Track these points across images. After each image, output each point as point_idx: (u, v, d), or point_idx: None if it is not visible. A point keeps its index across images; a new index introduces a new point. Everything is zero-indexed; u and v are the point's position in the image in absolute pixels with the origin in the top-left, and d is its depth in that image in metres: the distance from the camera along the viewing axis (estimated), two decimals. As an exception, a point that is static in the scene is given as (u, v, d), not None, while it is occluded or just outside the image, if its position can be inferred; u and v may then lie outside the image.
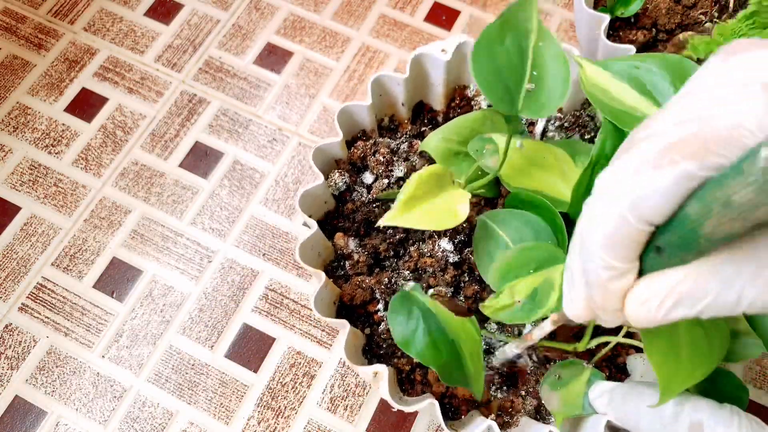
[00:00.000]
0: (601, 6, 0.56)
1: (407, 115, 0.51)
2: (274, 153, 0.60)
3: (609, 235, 0.19)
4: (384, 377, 0.38)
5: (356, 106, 0.47)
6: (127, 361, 0.52)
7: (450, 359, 0.35)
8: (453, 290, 0.45)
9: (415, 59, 0.47)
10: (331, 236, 0.46)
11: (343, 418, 0.50)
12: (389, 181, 0.47)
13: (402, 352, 0.44)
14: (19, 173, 0.59)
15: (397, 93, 0.49)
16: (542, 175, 0.42)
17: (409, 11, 0.67)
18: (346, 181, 0.47)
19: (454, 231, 0.46)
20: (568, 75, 0.38)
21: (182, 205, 0.58)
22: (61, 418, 0.50)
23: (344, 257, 0.46)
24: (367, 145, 0.48)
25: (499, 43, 0.38)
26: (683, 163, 0.17)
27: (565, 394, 0.38)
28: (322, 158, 0.46)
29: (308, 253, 0.42)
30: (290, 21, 0.67)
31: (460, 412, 0.43)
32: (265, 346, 0.52)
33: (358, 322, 0.45)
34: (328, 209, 0.47)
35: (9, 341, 0.53)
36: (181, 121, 0.62)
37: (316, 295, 0.40)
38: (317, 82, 0.64)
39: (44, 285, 0.55)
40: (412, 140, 0.50)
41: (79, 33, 0.66)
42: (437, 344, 0.35)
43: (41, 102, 0.63)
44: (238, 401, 0.50)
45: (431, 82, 0.50)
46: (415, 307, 0.36)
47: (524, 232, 0.39)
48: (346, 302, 0.45)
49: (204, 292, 0.54)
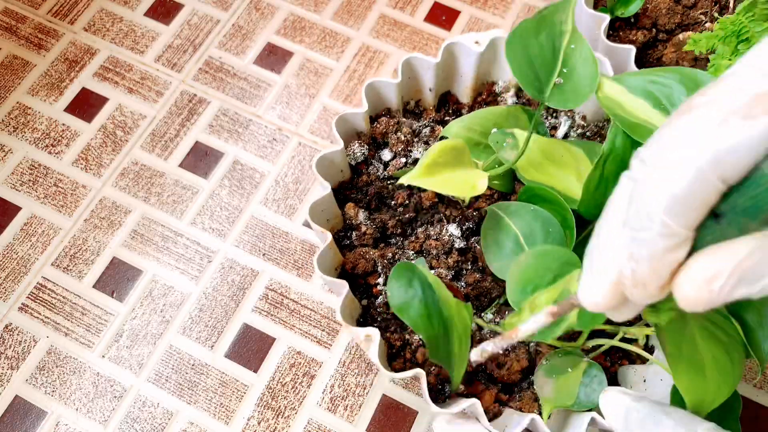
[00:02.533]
0: (601, 6, 0.56)
1: (433, 102, 0.52)
2: (274, 153, 0.60)
3: (679, 195, 0.17)
4: (375, 341, 0.38)
5: (384, 82, 0.47)
6: (127, 361, 0.52)
7: (440, 334, 0.35)
8: (453, 275, 0.45)
9: (447, 47, 0.47)
10: (342, 205, 0.47)
11: (343, 418, 0.50)
12: (407, 160, 0.48)
13: (395, 326, 0.44)
14: (19, 173, 0.59)
15: (426, 78, 0.49)
16: (558, 172, 0.42)
17: (409, 11, 0.67)
18: (364, 152, 0.47)
19: (463, 217, 0.46)
20: (596, 75, 0.38)
21: (182, 205, 0.58)
22: (61, 418, 0.50)
23: (352, 228, 0.47)
24: (390, 123, 0.48)
25: (534, 37, 0.39)
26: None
27: (560, 383, 0.38)
28: (344, 127, 0.47)
29: (318, 215, 0.43)
30: (290, 21, 0.67)
31: (444, 394, 0.43)
32: (265, 346, 0.52)
33: (357, 292, 0.46)
34: (343, 179, 0.48)
35: (9, 341, 0.53)
36: (181, 121, 0.62)
37: (319, 254, 0.41)
38: (317, 82, 0.64)
39: (44, 285, 0.55)
40: (434, 125, 0.50)
41: (79, 33, 0.66)
42: (431, 317, 0.35)
43: (41, 102, 0.63)
44: (238, 401, 0.51)
45: (460, 72, 0.50)
46: (417, 278, 0.36)
47: (534, 226, 0.40)
48: (348, 270, 0.45)
49: (204, 292, 0.54)
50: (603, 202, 0.39)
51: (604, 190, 0.37)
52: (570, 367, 0.39)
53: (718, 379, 0.29)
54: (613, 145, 0.37)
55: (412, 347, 0.43)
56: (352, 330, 0.40)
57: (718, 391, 0.29)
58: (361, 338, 0.39)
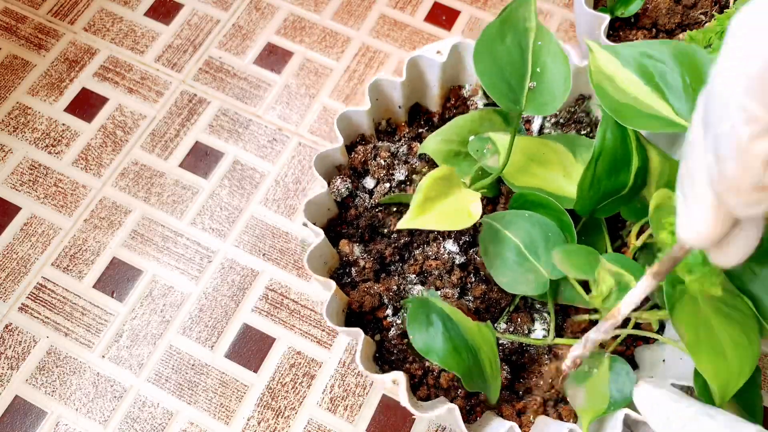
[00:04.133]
0: (601, 6, 0.56)
1: (404, 118, 0.52)
2: (274, 153, 0.60)
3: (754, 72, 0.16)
4: (402, 384, 0.37)
5: (355, 111, 0.47)
6: (127, 361, 0.52)
7: (471, 365, 0.36)
8: (459, 291, 0.45)
9: (411, 62, 0.47)
10: (335, 243, 0.46)
11: (343, 418, 0.50)
12: (391, 185, 0.47)
13: (413, 356, 0.43)
14: (19, 173, 0.59)
15: (394, 96, 0.49)
16: (544, 172, 0.42)
17: (409, 11, 0.67)
18: (348, 186, 0.47)
19: (458, 232, 0.46)
20: (568, 73, 0.38)
21: (182, 205, 0.58)
22: (61, 418, 0.50)
23: (349, 264, 0.46)
24: (367, 150, 0.48)
25: (500, 41, 0.38)
26: None
27: (590, 388, 0.38)
28: (323, 165, 0.46)
29: (315, 262, 0.42)
30: (290, 21, 0.67)
31: (475, 413, 0.43)
32: (265, 346, 0.52)
33: (367, 328, 0.45)
34: (331, 216, 0.47)
35: (9, 341, 0.53)
36: (181, 121, 0.62)
37: (328, 305, 0.40)
38: (317, 82, 0.64)
39: (44, 285, 0.55)
40: (411, 143, 0.50)
41: (79, 33, 0.66)
42: (458, 350, 0.36)
43: (41, 102, 0.63)
44: (238, 401, 0.50)
45: (427, 84, 0.50)
46: (434, 312, 0.36)
47: (533, 233, 0.40)
48: (355, 309, 0.44)
49: (204, 292, 0.54)
50: (597, 200, 0.39)
51: (597, 188, 0.38)
52: (594, 367, 0.39)
53: (739, 359, 0.29)
54: (604, 142, 0.37)
55: (434, 374, 0.43)
56: (377, 379, 0.38)
57: (740, 372, 0.29)
58: (388, 385, 0.38)
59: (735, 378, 0.29)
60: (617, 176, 0.37)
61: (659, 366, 0.41)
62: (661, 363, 0.41)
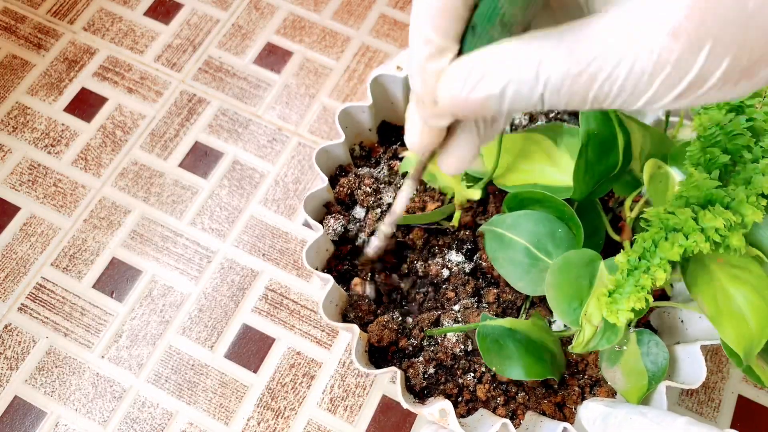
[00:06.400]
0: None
1: (375, 138, 0.52)
2: (274, 153, 0.60)
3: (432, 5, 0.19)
4: (451, 412, 0.37)
5: (332, 145, 0.47)
6: (126, 362, 0.52)
7: (550, 359, 0.37)
8: (477, 300, 0.45)
9: (374, 82, 0.47)
10: (339, 281, 0.46)
11: (343, 419, 0.50)
12: (382, 209, 0.47)
13: (444, 377, 0.43)
14: (18, 173, 0.59)
15: (363, 121, 0.49)
16: (532, 166, 0.43)
17: (409, 11, 0.67)
18: (342, 223, 0.47)
19: (459, 242, 0.46)
20: None
21: (182, 205, 0.58)
22: (60, 419, 0.50)
23: (359, 298, 0.46)
24: (350, 180, 0.48)
25: None
26: None
27: (625, 365, 0.39)
28: (313, 205, 0.46)
29: (328, 308, 0.42)
30: (290, 21, 0.67)
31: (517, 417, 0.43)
32: (265, 347, 0.52)
33: (394, 360, 0.44)
34: (329, 257, 0.48)
35: (8, 341, 0.53)
36: (180, 120, 0.62)
37: (356, 350, 0.40)
38: (317, 82, 0.64)
39: (44, 285, 0.55)
40: (389, 162, 0.50)
41: (79, 33, 0.66)
42: (538, 354, 0.37)
43: (41, 102, 0.63)
44: (238, 401, 0.50)
45: (392, 100, 0.50)
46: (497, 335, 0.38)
47: (539, 232, 0.40)
48: (375, 344, 0.44)
49: (204, 292, 0.54)
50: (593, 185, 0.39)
51: (592, 173, 0.38)
52: (622, 345, 0.39)
53: (759, 321, 0.31)
54: (589, 128, 0.37)
55: (469, 389, 0.43)
56: (425, 411, 0.38)
57: (762, 333, 0.31)
58: (436, 416, 0.38)
59: (757, 339, 0.31)
60: (607, 158, 0.38)
61: (678, 327, 0.42)
62: (680, 323, 0.42)
